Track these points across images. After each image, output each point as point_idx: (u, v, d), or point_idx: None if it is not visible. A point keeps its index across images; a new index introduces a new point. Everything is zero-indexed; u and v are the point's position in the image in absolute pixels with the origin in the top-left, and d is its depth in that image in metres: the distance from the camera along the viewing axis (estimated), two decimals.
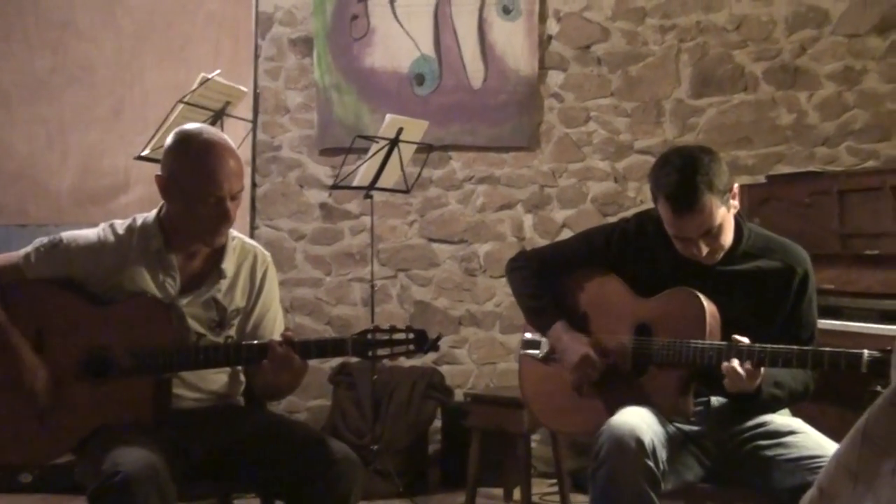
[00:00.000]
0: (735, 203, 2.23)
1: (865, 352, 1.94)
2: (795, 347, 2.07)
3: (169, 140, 2.21)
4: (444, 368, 4.50)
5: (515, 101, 4.54)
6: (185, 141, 2.17)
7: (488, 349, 4.61)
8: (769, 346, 2.08)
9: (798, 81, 4.32)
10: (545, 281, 2.49)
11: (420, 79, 4.61)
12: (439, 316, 4.61)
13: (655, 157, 2.24)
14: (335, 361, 4.49)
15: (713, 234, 2.18)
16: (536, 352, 2.52)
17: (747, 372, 2.06)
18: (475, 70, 4.57)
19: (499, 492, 3.98)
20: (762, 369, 2.09)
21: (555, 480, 3.91)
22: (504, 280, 4.57)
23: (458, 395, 4.38)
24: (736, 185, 2.23)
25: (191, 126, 2.27)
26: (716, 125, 4.38)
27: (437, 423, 4.30)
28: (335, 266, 4.73)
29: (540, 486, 4.00)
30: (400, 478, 3.98)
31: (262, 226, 4.70)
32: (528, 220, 4.58)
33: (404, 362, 4.47)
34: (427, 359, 4.59)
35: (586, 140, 4.54)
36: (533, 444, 3.89)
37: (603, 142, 4.52)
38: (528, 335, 2.55)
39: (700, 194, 2.11)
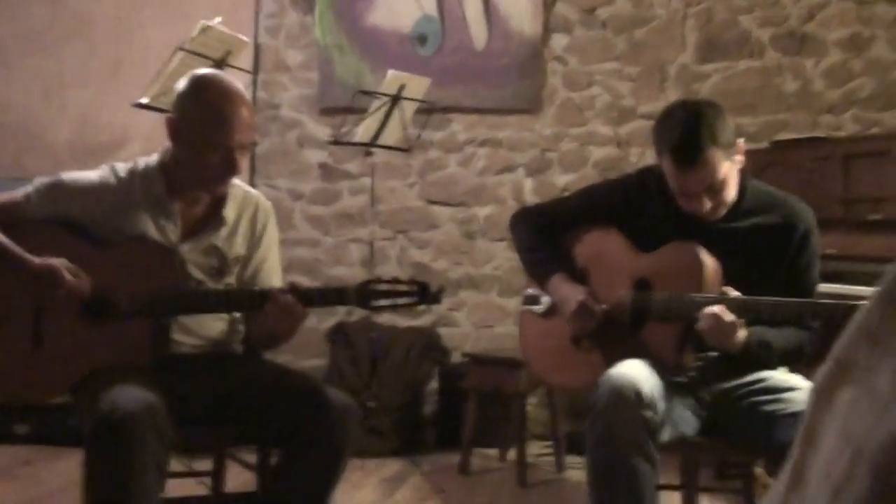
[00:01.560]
0: (740, 159, 2.21)
1: (863, 304, 1.92)
2: (791, 300, 2.07)
3: (183, 83, 2.18)
4: (441, 331, 4.51)
5: (518, 63, 4.50)
6: (201, 86, 2.14)
7: (486, 312, 4.60)
8: (761, 298, 2.08)
9: (805, 48, 4.29)
10: (547, 235, 2.49)
11: (423, 39, 4.57)
12: (438, 278, 4.59)
13: None
14: (332, 321, 4.49)
15: (716, 188, 2.16)
16: (537, 307, 2.51)
17: (726, 321, 2.05)
18: (478, 31, 4.52)
19: (494, 452, 4.00)
20: (742, 333, 2.07)
21: (550, 442, 3.93)
22: (503, 244, 4.61)
23: (455, 358, 4.38)
24: (741, 141, 2.21)
25: (206, 71, 2.25)
26: (720, 91, 4.34)
27: (434, 385, 4.31)
28: (334, 226, 4.71)
29: (535, 448, 4.01)
30: (395, 436, 4.00)
31: (261, 185, 4.67)
32: (529, 184, 4.56)
33: (401, 322, 4.49)
34: (425, 320, 4.59)
35: (589, 104, 4.50)
36: (529, 407, 3.89)
37: (606, 106, 4.49)
38: (529, 291, 2.55)
39: (704, 148, 2.10)
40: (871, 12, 4.20)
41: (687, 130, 2.11)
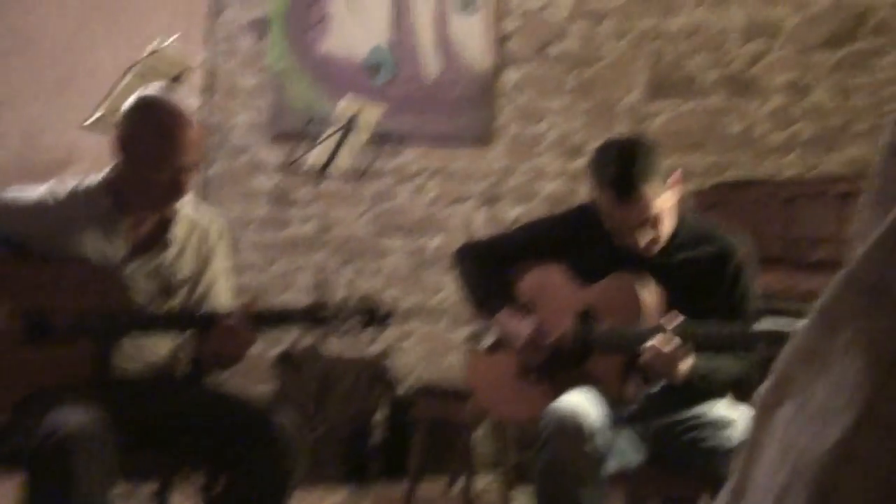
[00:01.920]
0: (677, 189, 2.26)
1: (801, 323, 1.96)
2: (725, 328, 2.13)
3: (129, 102, 2.16)
4: (389, 361, 4.48)
5: (470, 95, 4.54)
6: (147, 105, 2.13)
7: (435, 343, 4.59)
8: (697, 325, 2.11)
9: (749, 91, 4.41)
10: (491, 270, 2.52)
11: (376, 68, 4.59)
12: (387, 308, 4.57)
13: None
14: (279, 348, 4.43)
15: (652, 222, 2.21)
16: (482, 343, 2.54)
17: (669, 352, 2.06)
18: (431, 63, 4.56)
19: (442, 483, 3.97)
20: (689, 357, 2.09)
21: (499, 472, 3.92)
22: (453, 275, 4.60)
23: (404, 388, 4.36)
24: (678, 172, 2.25)
25: (153, 90, 2.22)
26: (668, 130, 4.43)
27: (381, 415, 4.27)
28: (283, 253, 4.67)
29: (484, 479, 3.99)
30: (342, 465, 3.95)
31: (209, 212, 4.62)
32: (480, 215, 4.58)
33: (349, 353, 4.45)
34: (373, 349, 4.56)
35: (540, 139, 4.56)
36: (478, 437, 3.88)
37: (556, 141, 4.54)
38: (475, 328, 2.57)
39: (639, 183, 2.15)
40: (811, 59, 4.34)
41: (623, 166, 2.16)
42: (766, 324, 2.36)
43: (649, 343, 2.09)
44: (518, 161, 4.57)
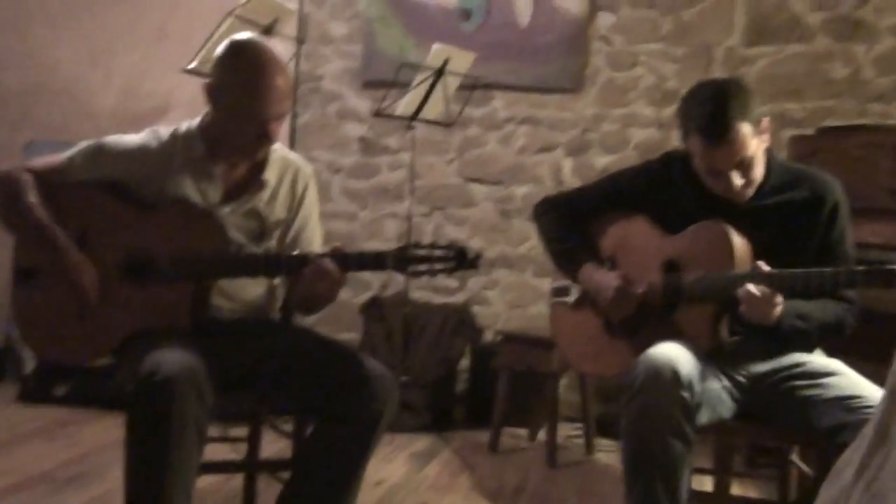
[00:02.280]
0: (766, 137, 2.19)
1: None
2: (825, 269, 2.04)
3: (221, 49, 2.16)
4: (474, 309, 4.50)
5: (562, 41, 4.45)
6: (237, 54, 2.13)
7: (520, 292, 4.59)
8: (797, 270, 2.04)
9: (857, 34, 4.20)
10: (572, 225, 2.48)
11: (467, 14, 4.53)
12: (475, 251, 4.58)
13: None
14: (366, 295, 4.50)
15: (746, 165, 2.14)
16: (567, 298, 2.50)
17: (763, 295, 2.02)
18: (523, 7, 4.48)
19: (524, 432, 4.00)
20: (779, 298, 2.04)
21: (580, 424, 3.92)
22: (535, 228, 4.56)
23: (488, 336, 4.38)
24: (766, 119, 2.18)
25: (244, 37, 2.21)
26: (767, 76, 4.27)
27: (466, 363, 4.30)
28: (371, 201, 4.72)
29: (565, 430, 4.00)
30: (426, 412, 4.01)
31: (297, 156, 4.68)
32: (568, 164, 4.52)
33: (435, 299, 4.49)
34: (458, 298, 4.59)
35: (632, 85, 4.45)
36: (560, 389, 3.87)
37: (649, 88, 4.43)
38: (558, 283, 2.54)
39: (733, 123, 2.08)
40: None
41: (715, 107, 2.10)
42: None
43: (746, 287, 2.04)
44: (609, 108, 4.47)
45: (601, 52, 4.47)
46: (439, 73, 3.70)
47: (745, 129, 2.10)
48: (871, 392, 2.01)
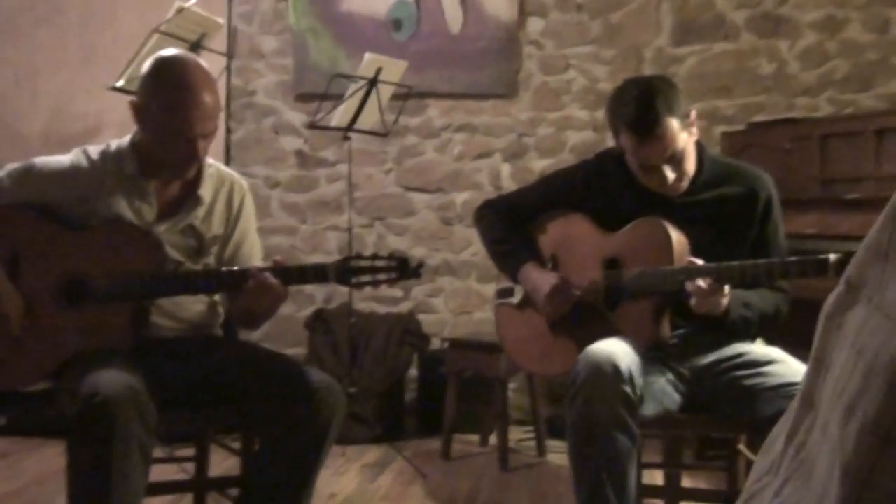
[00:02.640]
0: (694, 130, 2.23)
1: (832, 255, 1.94)
2: (761, 261, 2.10)
3: (147, 65, 2.13)
4: (420, 317, 4.49)
5: (494, 47, 4.48)
6: (162, 71, 2.09)
7: (464, 298, 4.59)
8: (734, 262, 2.10)
9: (780, 30, 4.31)
10: (513, 226, 2.50)
11: (398, 24, 4.54)
12: (410, 260, 4.57)
13: None
14: (310, 308, 4.46)
15: (677, 158, 2.19)
16: (511, 299, 2.52)
17: (710, 287, 2.06)
18: (454, 15, 4.50)
19: (475, 438, 4.00)
20: (727, 289, 2.09)
21: (531, 427, 3.93)
22: (475, 233, 4.58)
23: (435, 344, 4.37)
24: (693, 112, 2.23)
25: (170, 53, 2.18)
26: (696, 74, 4.36)
27: (414, 372, 4.29)
28: (310, 214, 4.68)
29: (516, 434, 4.01)
30: (377, 423, 3.98)
31: (237, 172, 4.62)
32: (506, 169, 4.55)
33: (380, 309, 4.47)
34: (403, 307, 4.58)
35: (566, 88, 4.50)
36: (509, 392, 3.89)
37: (582, 90, 4.48)
38: (502, 285, 2.55)
39: (661, 118, 2.13)
40: None
41: (643, 104, 2.14)
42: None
43: (694, 281, 2.07)
44: (544, 112, 4.52)
45: (533, 57, 4.51)
46: (372, 82, 3.69)
47: (674, 123, 2.14)
48: None
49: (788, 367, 2.12)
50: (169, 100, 2.06)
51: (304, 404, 2.04)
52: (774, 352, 2.20)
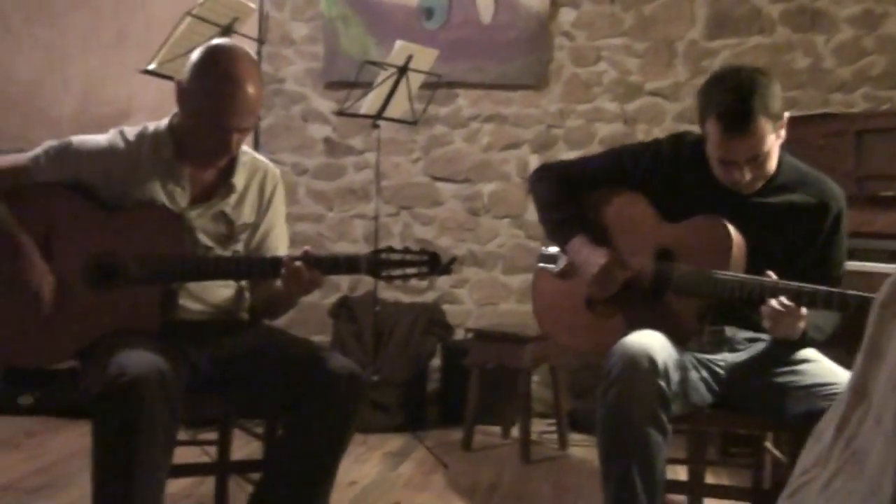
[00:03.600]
0: (783, 133, 2.14)
1: None
2: (850, 291, 1.97)
3: (198, 52, 2.12)
4: (444, 307, 4.48)
5: (525, 38, 4.46)
6: (212, 61, 2.08)
7: (489, 289, 4.58)
8: (809, 285, 1.99)
9: (816, 24, 4.24)
10: (568, 194, 2.39)
11: (429, 13, 4.52)
12: (442, 255, 4.56)
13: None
14: (335, 296, 4.46)
15: (760, 160, 2.09)
16: (553, 266, 2.45)
17: (789, 310, 1.98)
18: (485, 5, 4.48)
19: (497, 429, 3.99)
20: (804, 310, 2.00)
21: (553, 420, 3.92)
22: (507, 221, 4.58)
23: (459, 334, 4.36)
24: (787, 115, 2.13)
25: (222, 44, 2.16)
26: None
27: (437, 362, 4.29)
28: (337, 202, 4.68)
29: (538, 426, 4.00)
30: (399, 412, 3.98)
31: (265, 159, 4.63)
32: (534, 160, 4.51)
33: (404, 298, 4.47)
34: (428, 296, 4.57)
35: (596, 80, 4.46)
36: (532, 385, 3.87)
37: (613, 82, 4.44)
38: (546, 249, 2.48)
39: (755, 116, 2.02)
40: None
41: (739, 96, 2.03)
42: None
43: (772, 303, 1.99)
44: (573, 104, 4.48)
45: (564, 48, 4.48)
46: (402, 70, 3.68)
47: (766, 124, 2.04)
48: (844, 379, 2.01)
49: (822, 367, 2.09)
50: (212, 88, 2.06)
51: (327, 391, 2.04)
52: (808, 351, 2.16)
